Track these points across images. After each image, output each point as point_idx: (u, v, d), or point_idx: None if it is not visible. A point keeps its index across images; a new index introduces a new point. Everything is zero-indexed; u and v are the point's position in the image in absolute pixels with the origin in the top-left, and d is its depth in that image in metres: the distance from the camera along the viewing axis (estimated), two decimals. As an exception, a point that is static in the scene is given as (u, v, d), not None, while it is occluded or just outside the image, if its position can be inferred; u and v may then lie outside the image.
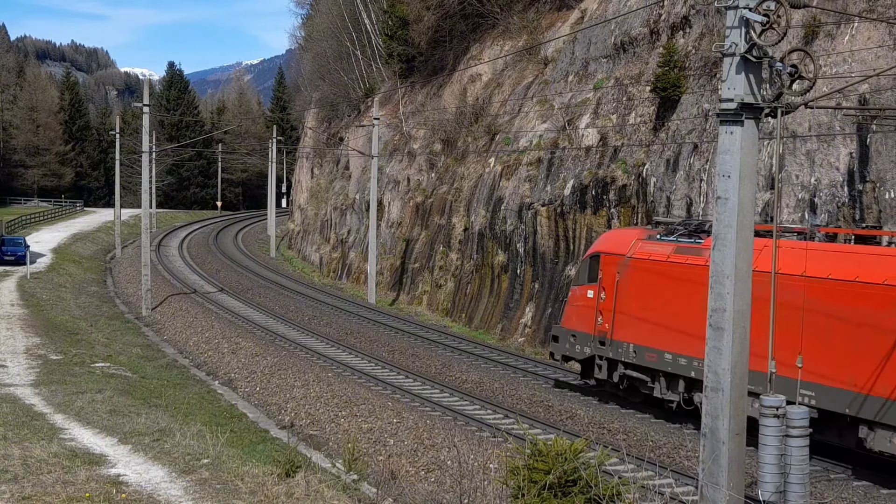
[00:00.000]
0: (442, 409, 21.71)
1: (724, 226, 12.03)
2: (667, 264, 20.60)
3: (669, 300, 20.39)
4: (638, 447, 18.23)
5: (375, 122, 44.23)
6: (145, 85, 49.33)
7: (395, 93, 55.85)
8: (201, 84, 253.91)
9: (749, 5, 11.46)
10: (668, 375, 20.45)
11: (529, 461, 11.24)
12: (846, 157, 22.05)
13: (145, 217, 43.33)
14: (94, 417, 18.53)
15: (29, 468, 13.49)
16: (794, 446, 12.06)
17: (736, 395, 12.04)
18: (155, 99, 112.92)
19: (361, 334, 32.53)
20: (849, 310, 16.45)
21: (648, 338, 20.88)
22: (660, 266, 20.78)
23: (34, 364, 26.07)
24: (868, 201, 21.29)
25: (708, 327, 12.26)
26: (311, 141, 76.31)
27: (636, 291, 21.42)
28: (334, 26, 67.35)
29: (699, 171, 27.32)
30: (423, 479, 17.02)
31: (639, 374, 21.29)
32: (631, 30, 33.59)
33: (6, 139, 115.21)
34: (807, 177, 23.04)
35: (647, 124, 30.71)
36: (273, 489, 12.77)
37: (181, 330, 34.87)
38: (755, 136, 12.04)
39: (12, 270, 49.20)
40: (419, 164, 48.32)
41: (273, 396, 24.33)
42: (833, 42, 23.60)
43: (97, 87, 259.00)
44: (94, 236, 73.87)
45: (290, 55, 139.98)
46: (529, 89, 40.36)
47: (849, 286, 16.55)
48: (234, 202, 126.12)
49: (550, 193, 34.18)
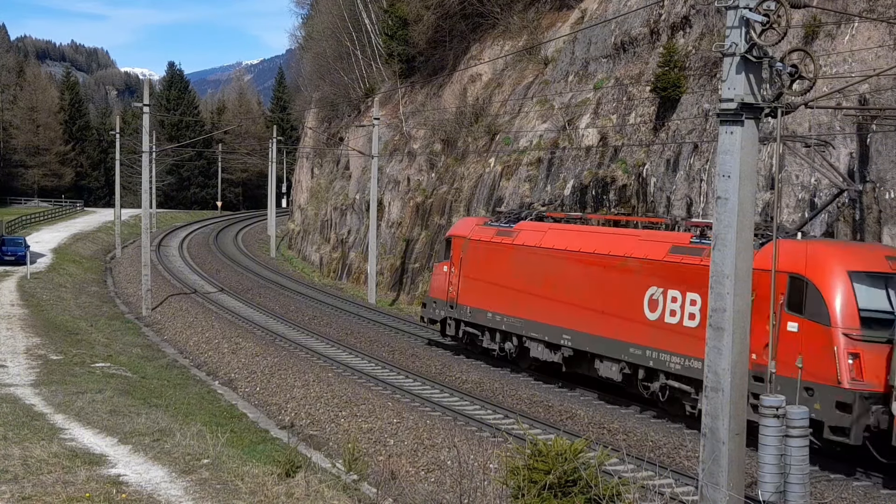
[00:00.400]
0: (442, 409, 21.71)
1: (724, 226, 12.03)
2: (490, 244, 27.01)
3: (490, 271, 26.72)
4: (638, 447, 18.24)
5: (375, 122, 44.22)
6: (145, 85, 49.32)
7: (395, 93, 55.86)
8: (201, 84, 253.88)
9: (749, 5, 11.46)
10: (490, 330, 26.87)
11: (529, 461, 11.24)
12: (846, 157, 22.05)
13: (145, 217, 43.32)
14: (95, 417, 18.53)
15: (29, 468, 13.50)
16: (794, 446, 12.06)
17: (736, 395, 12.05)
18: (155, 99, 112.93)
19: (361, 334, 32.53)
20: (598, 273, 22.68)
21: (479, 301, 27.08)
22: (485, 245, 27.16)
23: (34, 364, 26.07)
24: (868, 201, 21.30)
25: (708, 327, 12.27)
26: (311, 141, 76.31)
27: (472, 265, 27.65)
28: (334, 26, 67.35)
29: (699, 171, 27.32)
30: (423, 479, 17.02)
31: (474, 329, 27.65)
32: (631, 30, 33.60)
33: (6, 139, 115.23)
34: (807, 177, 23.04)
35: (647, 124, 30.72)
36: (273, 489, 12.78)
37: (181, 330, 34.87)
38: (755, 136, 12.04)
39: (12, 270, 49.21)
40: (419, 164, 48.33)
41: (273, 396, 24.33)
42: (833, 42, 23.60)
43: (97, 87, 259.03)
44: (95, 236, 73.87)
45: (290, 55, 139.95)
46: (529, 89, 40.36)
47: (595, 257, 22.83)
48: (234, 202, 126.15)
49: (550, 193, 34.19)
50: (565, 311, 23.58)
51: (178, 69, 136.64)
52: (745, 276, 12.09)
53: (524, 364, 26.11)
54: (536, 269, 24.89)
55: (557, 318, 23.78)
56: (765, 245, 18.28)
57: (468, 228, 28.62)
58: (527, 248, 25.33)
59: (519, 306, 25.47)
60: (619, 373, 21.96)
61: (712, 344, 12.13)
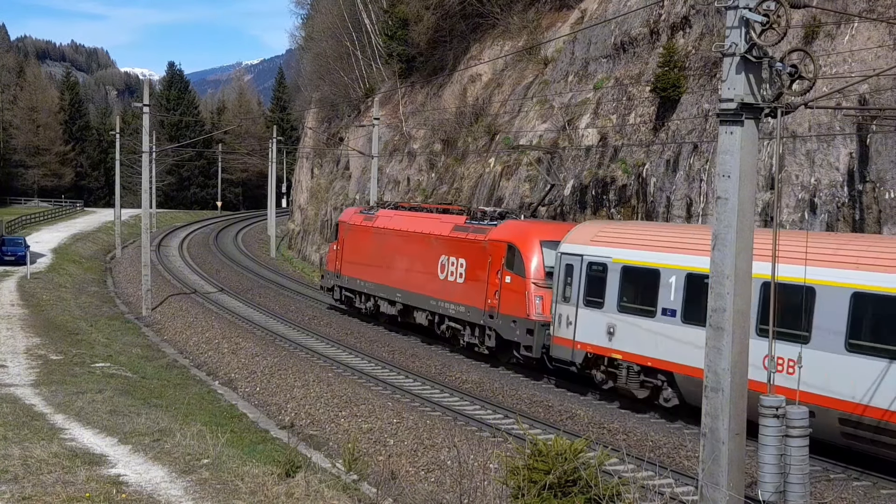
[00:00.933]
0: (442, 409, 21.71)
1: (724, 226, 12.02)
2: (359, 227, 35.04)
3: (359, 248, 34.77)
4: (638, 447, 18.24)
5: (375, 122, 44.23)
6: (145, 85, 49.31)
7: (395, 93, 55.85)
8: (201, 84, 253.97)
9: (749, 5, 11.45)
10: (359, 293, 35.09)
11: (529, 461, 11.25)
12: (846, 157, 22.05)
13: (145, 217, 43.31)
14: (95, 417, 18.54)
15: (29, 468, 13.50)
16: (794, 446, 12.05)
17: (736, 395, 12.04)
18: (155, 99, 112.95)
19: (361, 334, 32.54)
20: (416, 246, 30.41)
21: (353, 272, 35.19)
22: (357, 228, 35.22)
23: (34, 364, 26.08)
24: (868, 201, 21.30)
25: (708, 327, 12.25)
26: (311, 141, 76.28)
27: (349, 244, 35.65)
28: (334, 26, 67.36)
29: (699, 171, 27.32)
30: (423, 479, 17.02)
31: (351, 294, 35.91)
32: (631, 30, 33.60)
33: (6, 139, 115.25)
34: (807, 177, 23.05)
35: (647, 124, 30.72)
36: (273, 489, 12.78)
37: (181, 330, 34.87)
38: (755, 136, 12.04)
39: (12, 270, 49.21)
40: (419, 164, 48.33)
41: (273, 396, 24.33)
42: (833, 42, 23.60)
43: (97, 87, 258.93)
44: (95, 236, 73.88)
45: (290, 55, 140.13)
46: (529, 89, 40.36)
47: (418, 235, 30.51)
48: (234, 202, 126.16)
49: (550, 193, 34.16)
50: (398, 276, 31.84)
51: (178, 69, 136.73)
52: (745, 277, 12.08)
53: (381, 319, 34.00)
54: (383, 245, 32.95)
55: (394, 281, 32.09)
56: (500, 223, 26.83)
57: (349, 216, 37.37)
58: (378, 229, 33.62)
59: (374, 274, 33.69)
60: (426, 319, 29.91)
61: (712, 344, 12.11)
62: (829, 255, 16.79)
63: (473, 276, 27.14)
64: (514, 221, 26.88)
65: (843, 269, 16.41)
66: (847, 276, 16.31)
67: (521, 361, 25.15)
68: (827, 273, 16.50)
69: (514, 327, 24.70)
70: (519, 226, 26.18)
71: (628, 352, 21.03)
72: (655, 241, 21.27)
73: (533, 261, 24.58)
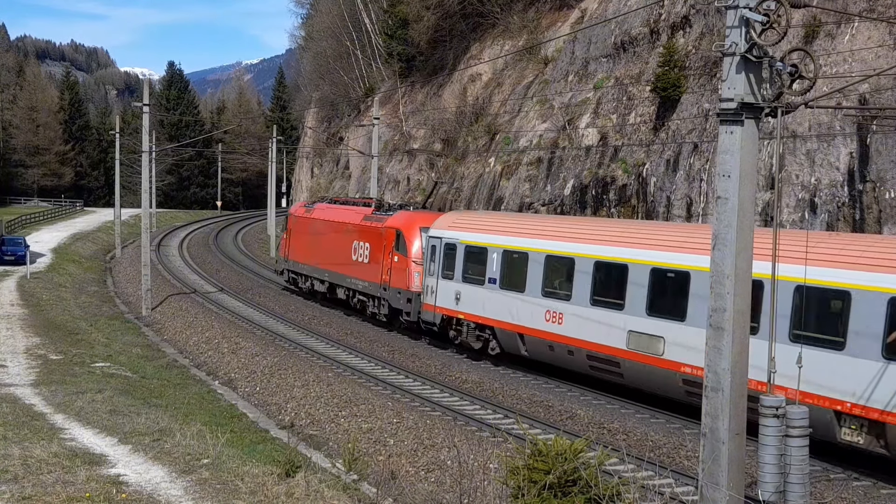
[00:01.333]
0: (442, 409, 21.70)
1: (724, 226, 12.01)
2: (302, 218, 41.17)
3: (301, 236, 40.86)
4: (638, 447, 18.23)
5: (375, 121, 44.22)
6: (145, 85, 49.28)
7: (395, 92, 55.85)
8: (201, 84, 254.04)
9: (749, 5, 11.44)
10: (301, 275, 40.97)
11: (529, 461, 11.24)
12: (846, 156, 22.05)
13: (145, 217, 43.31)
14: (95, 417, 18.53)
15: (29, 468, 13.49)
16: (794, 446, 12.04)
17: (736, 395, 12.02)
18: (155, 99, 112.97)
19: (361, 334, 32.53)
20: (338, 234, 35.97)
21: (297, 257, 41.24)
22: (300, 219, 41.42)
23: (34, 364, 26.07)
24: (868, 201, 21.29)
25: (708, 327, 12.24)
26: (311, 141, 76.30)
27: (295, 233, 41.76)
28: (334, 26, 67.38)
29: (699, 171, 27.32)
30: (423, 479, 17.01)
31: (296, 276, 41.85)
32: (631, 29, 33.59)
33: (6, 139, 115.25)
34: (807, 177, 23.04)
35: (647, 124, 30.71)
36: (273, 489, 12.77)
37: (181, 330, 34.86)
38: (755, 135, 12.03)
39: (12, 270, 49.21)
40: (419, 163, 48.32)
41: (273, 396, 24.32)
42: (833, 42, 23.60)
43: (97, 87, 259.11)
44: (94, 236, 73.86)
45: (290, 55, 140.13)
46: (529, 89, 40.36)
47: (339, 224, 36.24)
48: (234, 202, 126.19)
49: (550, 193, 34.19)
50: (326, 259, 37.40)
51: (178, 69, 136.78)
52: (745, 277, 12.06)
53: (318, 296, 39.84)
54: (316, 234, 38.77)
55: (323, 264, 37.85)
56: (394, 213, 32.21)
57: (296, 209, 44.19)
58: (314, 220, 39.54)
59: (310, 258, 39.52)
60: (345, 295, 35.82)
61: (712, 344, 12.10)
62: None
63: (374, 257, 32.54)
64: (404, 212, 32.23)
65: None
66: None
67: (405, 325, 31.11)
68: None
69: (400, 297, 30.50)
70: (406, 215, 31.64)
71: (468, 313, 26.76)
72: (488, 226, 26.84)
73: (414, 243, 29.94)
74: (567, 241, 22.79)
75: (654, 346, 19.99)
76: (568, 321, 22.14)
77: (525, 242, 24.51)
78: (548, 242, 23.44)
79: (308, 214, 40.49)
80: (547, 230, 24.16)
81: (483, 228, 26.70)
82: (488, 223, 27.17)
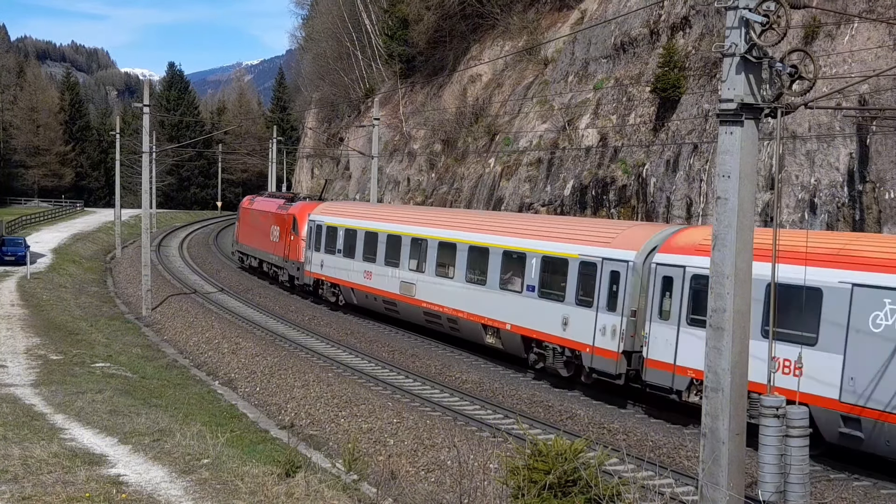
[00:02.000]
0: (442, 409, 21.70)
1: (724, 226, 12.01)
2: (247, 209, 50.22)
3: (246, 223, 50.30)
4: (638, 447, 18.23)
5: (375, 122, 44.23)
6: (145, 85, 49.29)
7: (395, 93, 55.85)
8: (201, 84, 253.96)
9: (749, 5, 11.45)
10: (248, 255, 50.38)
11: (529, 461, 11.24)
12: (846, 157, 22.05)
13: (145, 217, 43.32)
14: (95, 417, 18.53)
15: (29, 468, 13.49)
16: (794, 446, 12.05)
17: (736, 395, 12.03)
18: (155, 99, 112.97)
19: (361, 334, 32.53)
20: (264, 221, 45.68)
21: (244, 240, 50.92)
22: (245, 210, 50.82)
23: (34, 364, 26.07)
24: (868, 201, 21.30)
25: (708, 327, 12.25)
26: (311, 141, 76.31)
27: (243, 221, 51.39)
28: (334, 27, 67.38)
29: (699, 172, 27.32)
30: (423, 479, 17.01)
31: (244, 256, 51.18)
32: (631, 30, 33.60)
33: (6, 139, 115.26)
34: (807, 177, 23.05)
35: (647, 124, 30.72)
36: (273, 489, 12.78)
37: (181, 330, 34.87)
38: (755, 136, 12.03)
39: (12, 270, 49.21)
40: (419, 164, 48.33)
41: (273, 396, 24.32)
42: (833, 42, 23.61)
43: (97, 88, 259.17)
44: (95, 236, 73.86)
45: (290, 55, 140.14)
46: (529, 89, 40.36)
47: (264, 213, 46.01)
48: (235, 202, 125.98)
49: (550, 194, 34.19)
50: (257, 240, 47.25)
51: (178, 69, 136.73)
52: (745, 277, 12.07)
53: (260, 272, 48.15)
54: (253, 221, 48.23)
55: (258, 245, 47.29)
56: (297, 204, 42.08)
57: (244, 201, 53.22)
58: (252, 210, 48.87)
59: (250, 240, 49.33)
60: (267, 268, 46.02)
61: (712, 344, 12.11)
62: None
63: (282, 238, 42.34)
64: (302, 203, 42.42)
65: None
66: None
67: (300, 287, 40.83)
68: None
69: (294, 266, 40.69)
70: (302, 205, 41.50)
71: (327, 276, 36.91)
72: (341, 212, 37.17)
73: (304, 226, 39.28)
74: (376, 222, 33.49)
75: (411, 290, 30.09)
76: (375, 278, 32.66)
77: (358, 223, 34.68)
78: (367, 222, 34.13)
79: (250, 206, 50.47)
80: (369, 215, 35.09)
81: (338, 213, 37.04)
82: (342, 210, 37.62)
